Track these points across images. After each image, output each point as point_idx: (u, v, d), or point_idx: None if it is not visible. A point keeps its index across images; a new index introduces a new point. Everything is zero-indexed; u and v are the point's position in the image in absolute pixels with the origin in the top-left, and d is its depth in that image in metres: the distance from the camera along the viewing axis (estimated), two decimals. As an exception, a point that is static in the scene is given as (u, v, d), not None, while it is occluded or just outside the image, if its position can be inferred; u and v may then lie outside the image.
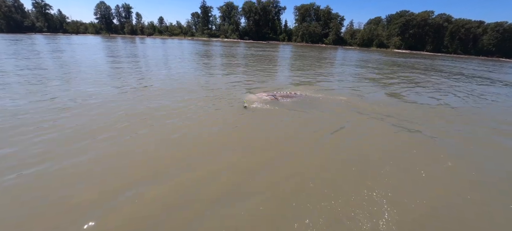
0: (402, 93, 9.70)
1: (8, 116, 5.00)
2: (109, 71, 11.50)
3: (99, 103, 6.21)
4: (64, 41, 33.83)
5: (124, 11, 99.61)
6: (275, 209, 2.71)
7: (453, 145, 4.86)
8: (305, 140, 4.57)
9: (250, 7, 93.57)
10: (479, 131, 5.80)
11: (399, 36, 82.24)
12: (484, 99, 9.60)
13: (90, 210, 2.57)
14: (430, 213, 2.80)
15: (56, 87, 7.74)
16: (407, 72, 17.89)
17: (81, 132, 4.47)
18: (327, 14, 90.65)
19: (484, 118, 6.89)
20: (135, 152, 3.84)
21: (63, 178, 3.12)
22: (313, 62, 20.97)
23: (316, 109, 6.44)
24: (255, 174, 3.34)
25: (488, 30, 76.95)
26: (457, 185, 3.45)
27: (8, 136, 4.12)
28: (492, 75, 20.21)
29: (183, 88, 8.20)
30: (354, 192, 3.06)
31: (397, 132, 5.35)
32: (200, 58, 18.81)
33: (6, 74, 9.34)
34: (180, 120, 5.21)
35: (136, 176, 3.18)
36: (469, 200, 3.11)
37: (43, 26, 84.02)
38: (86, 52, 19.88)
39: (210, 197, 2.85)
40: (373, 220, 2.59)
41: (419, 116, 6.54)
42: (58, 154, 3.65)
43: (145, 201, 2.72)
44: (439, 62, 33.37)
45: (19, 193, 2.82)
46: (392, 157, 4.09)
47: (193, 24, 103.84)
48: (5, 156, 3.53)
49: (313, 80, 11.71)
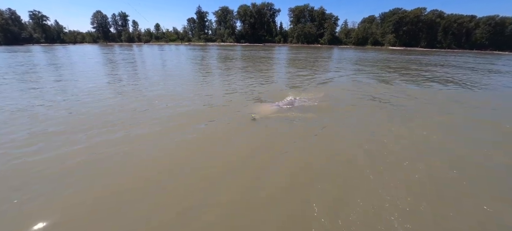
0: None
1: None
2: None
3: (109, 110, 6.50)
4: (60, 53, 33.99)
5: (121, 19, 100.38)
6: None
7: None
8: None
9: (245, 11, 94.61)
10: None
11: (393, 33, 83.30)
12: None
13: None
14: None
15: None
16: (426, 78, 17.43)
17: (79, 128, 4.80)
18: (321, 15, 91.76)
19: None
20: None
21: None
22: (308, 64, 21.25)
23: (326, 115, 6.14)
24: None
25: (480, 24, 78.10)
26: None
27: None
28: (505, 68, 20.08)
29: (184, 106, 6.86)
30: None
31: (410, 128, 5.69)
32: (199, 66, 19.00)
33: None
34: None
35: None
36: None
37: (40, 37, 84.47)
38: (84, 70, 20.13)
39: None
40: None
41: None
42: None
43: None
44: (451, 58, 32.83)
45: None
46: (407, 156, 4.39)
47: (190, 29, 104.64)
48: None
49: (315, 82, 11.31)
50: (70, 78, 11.18)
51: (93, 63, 17.91)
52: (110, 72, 13.50)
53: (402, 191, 3.07)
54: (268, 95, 8.20)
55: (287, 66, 18.13)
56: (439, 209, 2.80)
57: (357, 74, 14.02)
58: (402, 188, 3.13)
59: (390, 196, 2.96)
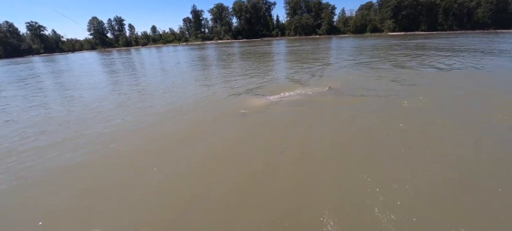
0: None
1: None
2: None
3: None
4: (59, 64, 34.16)
5: (117, 24, 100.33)
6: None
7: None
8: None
9: (240, 6, 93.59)
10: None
11: (392, 19, 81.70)
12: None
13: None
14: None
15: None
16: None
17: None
18: (318, 5, 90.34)
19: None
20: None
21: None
22: (307, 56, 21.03)
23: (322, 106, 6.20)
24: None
25: (482, 3, 75.98)
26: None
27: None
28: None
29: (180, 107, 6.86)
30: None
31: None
32: (199, 66, 18.93)
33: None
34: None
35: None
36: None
37: (39, 48, 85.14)
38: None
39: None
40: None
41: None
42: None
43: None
44: (455, 40, 32.78)
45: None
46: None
47: (186, 29, 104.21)
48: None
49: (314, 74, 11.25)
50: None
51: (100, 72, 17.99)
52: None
53: (409, 188, 2.96)
54: (262, 90, 8.18)
55: (284, 61, 18.00)
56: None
57: (356, 66, 13.84)
58: (408, 185, 3.01)
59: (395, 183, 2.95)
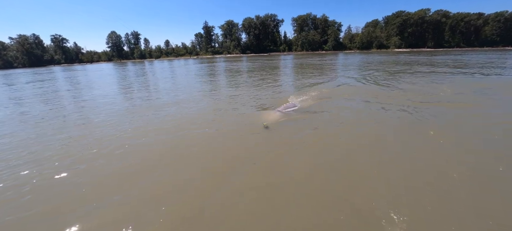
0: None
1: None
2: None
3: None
4: (79, 74, 35.99)
5: (133, 37, 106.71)
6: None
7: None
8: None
9: (250, 23, 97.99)
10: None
11: (398, 36, 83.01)
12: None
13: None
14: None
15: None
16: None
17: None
18: (324, 22, 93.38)
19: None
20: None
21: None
22: (314, 71, 21.59)
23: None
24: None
25: (489, 21, 76.58)
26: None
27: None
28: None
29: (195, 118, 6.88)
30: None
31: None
32: (208, 79, 19.85)
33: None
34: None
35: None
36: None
37: (60, 59, 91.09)
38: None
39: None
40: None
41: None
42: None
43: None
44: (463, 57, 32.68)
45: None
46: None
47: (197, 43, 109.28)
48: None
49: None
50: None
51: (110, 82, 19.60)
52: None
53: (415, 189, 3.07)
54: (274, 102, 8.43)
55: (293, 74, 18.85)
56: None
57: (361, 78, 14.56)
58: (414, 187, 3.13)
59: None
